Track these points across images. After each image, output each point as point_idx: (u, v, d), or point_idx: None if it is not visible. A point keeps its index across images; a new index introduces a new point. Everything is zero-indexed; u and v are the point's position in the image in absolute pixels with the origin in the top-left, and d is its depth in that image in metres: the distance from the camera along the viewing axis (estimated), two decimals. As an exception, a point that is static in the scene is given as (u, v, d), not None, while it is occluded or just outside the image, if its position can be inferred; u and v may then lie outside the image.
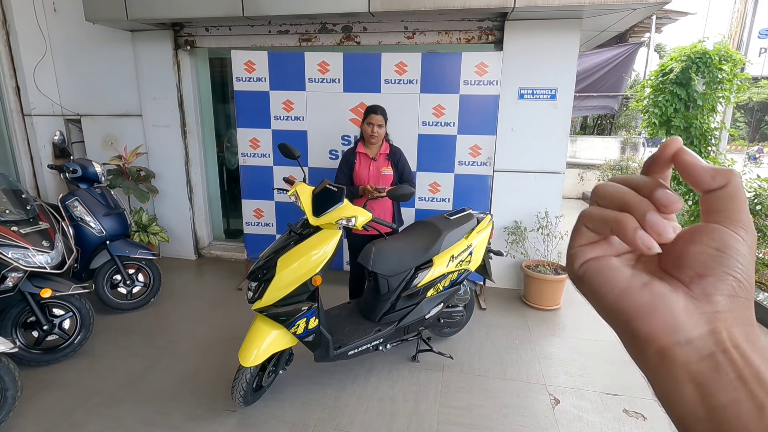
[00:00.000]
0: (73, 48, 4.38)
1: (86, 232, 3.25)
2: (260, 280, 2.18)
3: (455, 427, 2.28)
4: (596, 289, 0.32)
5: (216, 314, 3.49)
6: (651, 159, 0.33)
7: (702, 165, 0.30)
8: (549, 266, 3.67)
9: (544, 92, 3.60)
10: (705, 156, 4.16)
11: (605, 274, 0.31)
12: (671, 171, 0.32)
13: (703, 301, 0.29)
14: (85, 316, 2.87)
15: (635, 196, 0.30)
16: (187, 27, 4.13)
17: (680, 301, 0.29)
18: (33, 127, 4.44)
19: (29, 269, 2.55)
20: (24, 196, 2.83)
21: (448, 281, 2.72)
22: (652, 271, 0.31)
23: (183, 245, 4.69)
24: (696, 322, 0.28)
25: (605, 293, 0.31)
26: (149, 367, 2.76)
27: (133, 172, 4.17)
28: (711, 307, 0.28)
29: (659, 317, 0.29)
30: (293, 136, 3.80)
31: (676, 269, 0.30)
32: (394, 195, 2.53)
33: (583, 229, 0.33)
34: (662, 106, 4.15)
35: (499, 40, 3.63)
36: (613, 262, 0.32)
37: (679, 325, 0.28)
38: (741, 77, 4.12)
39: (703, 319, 0.28)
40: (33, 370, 2.71)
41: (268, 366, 2.37)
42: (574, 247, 0.34)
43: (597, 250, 0.33)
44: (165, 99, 4.31)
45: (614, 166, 7.98)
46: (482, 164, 3.69)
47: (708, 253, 0.29)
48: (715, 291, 0.28)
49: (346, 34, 3.84)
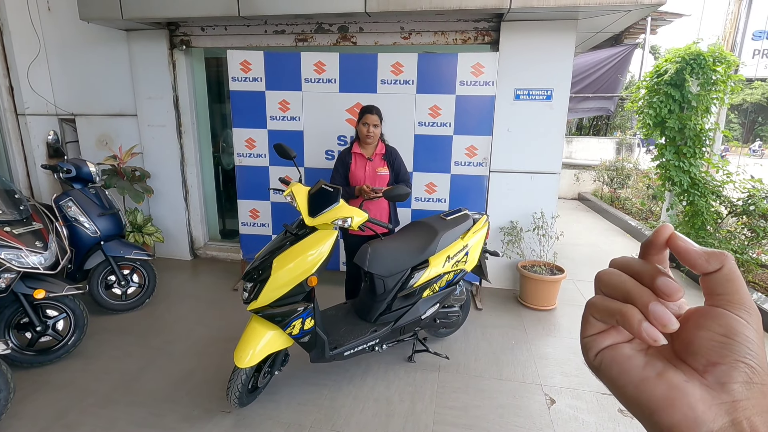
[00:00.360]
0: (67, 47, 4.35)
1: (80, 233, 3.23)
2: (256, 280, 2.17)
3: (451, 427, 2.28)
4: (615, 380, 0.32)
5: (211, 315, 3.48)
6: (646, 243, 0.33)
7: (695, 249, 0.31)
8: (545, 266, 3.68)
9: (539, 93, 3.61)
10: (699, 156, 4.19)
11: (621, 365, 0.32)
12: (668, 252, 0.33)
13: (719, 390, 0.29)
14: (79, 316, 2.85)
15: (636, 286, 0.31)
16: (182, 26, 4.11)
17: (696, 391, 0.29)
18: (27, 126, 4.41)
19: (22, 270, 2.52)
20: (17, 196, 2.81)
21: (444, 282, 2.72)
22: (666, 355, 0.32)
23: (178, 245, 4.67)
24: (716, 414, 0.28)
25: (624, 384, 0.32)
26: (144, 368, 2.75)
27: (128, 172, 4.15)
28: (728, 396, 0.29)
29: (679, 411, 0.29)
30: (289, 137, 3.79)
31: (689, 356, 0.31)
32: (390, 195, 2.53)
33: (591, 319, 0.34)
34: (656, 107, 4.18)
35: (495, 41, 3.64)
36: (625, 351, 0.32)
37: (699, 417, 0.29)
38: (735, 79, 4.15)
39: (723, 410, 0.28)
40: (26, 371, 2.68)
41: (264, 367, 2.37)
42: (586, 337, 0.34)
43: (608, 339, 0.33)
44: (160, 99, 4.29)
45: (610, 166, 8.01)
46: (478, 165, 3.69)
47: (716, 340, 0.30)
48: (730, 379, 0.29)
49: (342, 34, 3.84)
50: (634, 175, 7.68)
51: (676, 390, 0.30)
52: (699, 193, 4.18)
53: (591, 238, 5.70)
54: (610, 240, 5.69)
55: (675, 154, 4.24)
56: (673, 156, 4.23)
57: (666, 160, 4.29)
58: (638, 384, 0.31)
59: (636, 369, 0.31)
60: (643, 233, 5.47)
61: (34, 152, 4.48)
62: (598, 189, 8.15)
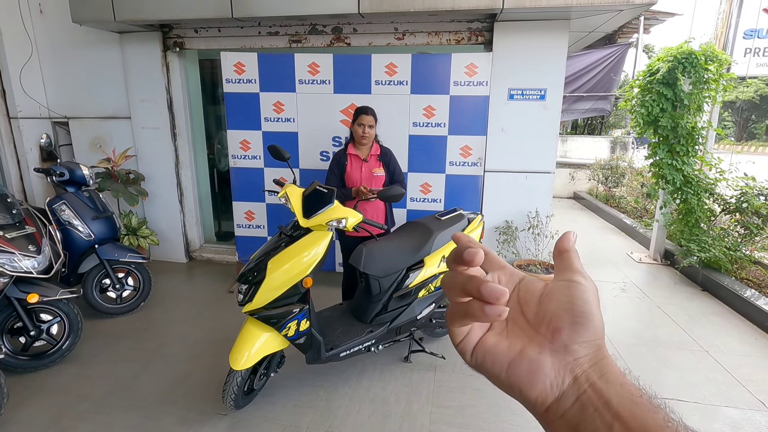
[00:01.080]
0: (59, 50, 4.32)
1: (74, 236, 3.21)
2: (251, 282, 2.17)
3: (447, 427, 2.28)
4: (491, 371, 0.35)
5: (207, 317, 3.47)
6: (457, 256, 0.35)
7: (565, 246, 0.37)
8: (540, 265, 3.69)
9: (533, 93, 3.63)
10: (692, 155, 4.21)
11: (492, 355, 0.35)
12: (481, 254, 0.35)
13: (564, 352, 0.32)
14: (73, 321, 2.84)
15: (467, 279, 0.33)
16: (175, 28, 4.10)
17: (548, 359, 0.33)
18: (19, 129, 4.38)
19: (15, 274, 2.51)
20: (10, 200, 2.79)
21: (439, 282, 2.72)
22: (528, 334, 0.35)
23: (173, 248, 4.65)
24: (564, 375, 0.32)
25: (498, 372, 0.34)
26: (139, 372, 2.74)
27: (122, 174, 4.13)
28: (571, 356, 0.32)
29: (539, 381, 0.33)
30: (284, 138, 3.79)
31: (541, 327, 0.34)
32: (385, 196, 2.53)
33: (453, 328, 0.36)
34: (649, 105, 4.20)
35: (488, 41, 3.65)
36: (490, 341, 0.36)
37: (552, 382, 0.32)
38: (727, 77, 4.18)
39: (568, 369, 0.32)
40: (20, 376, 2.66)
41: (260, 369, 2.36)
42: (458, 344, 0.37)
43: (474, 335, 0.36)
44: (154, 101, 4.27)
45: (604, 165, 8.05)
46: (473, 164, 3.71)
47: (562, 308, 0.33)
48: (571, 341, 0.32)
49: (336, 35, 3.84)
50: (628, 174, 7.72)
51: (534, 363, 0.33)
52: (692, 191, 4.21)
53: (586, 237, 5.72)
54: (605, 238, 5.71)
55: (668, 152, 4.26)
56: (666, 154, 4.26)
57: (659, 159, 4.32)
58: (507, 368, 0.34)
59: (502, 354, 0.34)
60: (638, 231, 5.51)
61: (27, 155, 4.45)
62: (593, 188, 8.19)
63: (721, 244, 4.00)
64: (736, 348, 3.02)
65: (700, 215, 4.25)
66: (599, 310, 0.34)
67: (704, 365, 2.82)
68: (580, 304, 0.33)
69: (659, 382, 2.65)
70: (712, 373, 2.74)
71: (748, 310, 3.42)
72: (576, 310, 0.33)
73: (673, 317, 3.45)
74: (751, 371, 2.75)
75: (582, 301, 0.33)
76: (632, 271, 4.47)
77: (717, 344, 3.06)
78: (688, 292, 3.96)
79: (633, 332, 3.23)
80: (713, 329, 3.27)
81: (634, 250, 5.11)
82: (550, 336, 0.33)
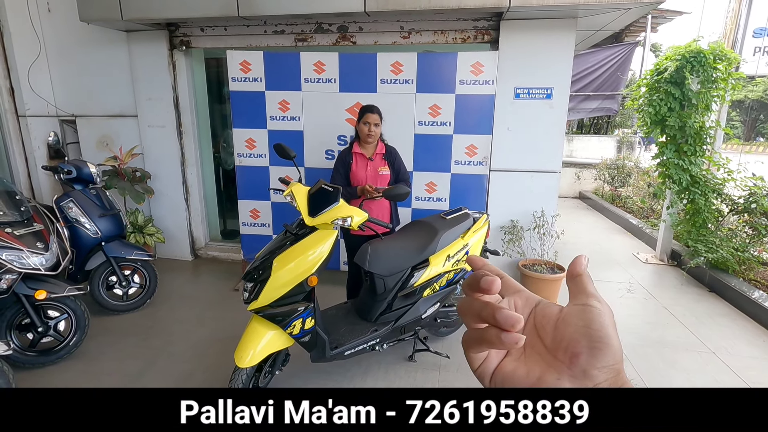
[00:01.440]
0: (67, 48, 4.35)
1: (81, 234, 3.24)
2: (256, 280, 2.17)
3: (452, 426, 2.28)
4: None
5: (212, 315, 3.48)
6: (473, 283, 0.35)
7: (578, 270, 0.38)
8: (545, 265, 3.67)
9: (539, 92, 3.60)
10: (700, 154, 4.18)
11: (510, 382, 0.35)
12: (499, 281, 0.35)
13: (583, 378, 0.32)
14: (80, 317, 2.86)
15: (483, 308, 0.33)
16: (182, 27, 4.12)
17: (567, 385, 0.33)
18: (27, 127, 4.42)
19: (23, 271, 2.53)
20: (18, 197, 2.82)
21: (444, 281, 2.72)
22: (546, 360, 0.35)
23: (179, 246, 4.67)
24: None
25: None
26: (145, 369, 2.75)
27: (129, 172, 4.15)
28: (590, 381, 0.32)
29: None
30: (289, 137, 3.79)
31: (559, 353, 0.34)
32: (390, 195, 2.53)
33: (471, 354, 0.37)
34: (656, 105, 4.16)
35: (494, 40, 3.63)
36: (507, 368, 0.36)
37: None
38: (736, 76, 4.14)
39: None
40: (28, 372, 2.69)
41: (265, 367, 2.37)
42: (475, 370, 0.37)
43: (492, 361, 0.36)
44: (160, 99, 4.29)
45: (610, 165, 7.99)
46: (478, 164, 3.69)
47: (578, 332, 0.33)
48: (590, 366, 0.32)
49: (341, 34, 3.84)
50: (634, 174, 7.66)
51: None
52: (699, 192, 4.17)
53: (592, 237, 5.69)
54: (611, 238, 5.68)
55: (675, 152, 4.22)
56: (673, 154, 4.22)
57: (666, 159, 4.28)
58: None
59: (521, 380, 0.35)
60: (645, 231, 5.47)
61: (35, 153, 4.49)
62: (599, 187, 8.13)
63: (728, 245, 3.96)
64: (744, 350, 2.99)
65: (707, 216, 4.21)
66: (617, 334, 0.33)
67: (711, 367, 2.80)
68: (597, 328, 0.33)
69: (666, 383, 2.63)
70: (720, 375, 2.71)
71: (756, 311, 3.38)
72: (593, 335, 0.33)
73: (680, 318, 3.42)
74: (758, 373, 2.72)
75: (599, 325, 0.33)
76: (638, 271, 4.44)
77: (724, 346, 3.03)
78: (695, 293, 3.93)
79: (639, 333, 3.21)
80: (720, 331, 3.24)
81: (641, 250, 5.08)
82: (569, 361, 0.33)
